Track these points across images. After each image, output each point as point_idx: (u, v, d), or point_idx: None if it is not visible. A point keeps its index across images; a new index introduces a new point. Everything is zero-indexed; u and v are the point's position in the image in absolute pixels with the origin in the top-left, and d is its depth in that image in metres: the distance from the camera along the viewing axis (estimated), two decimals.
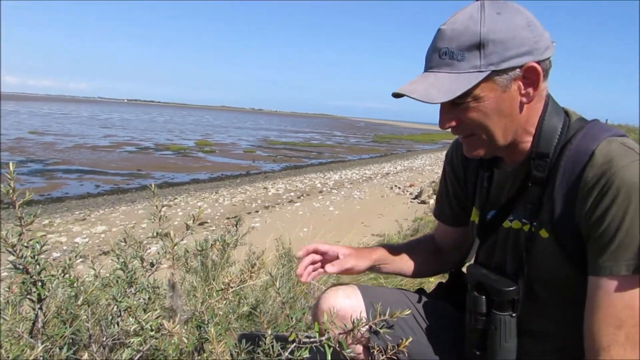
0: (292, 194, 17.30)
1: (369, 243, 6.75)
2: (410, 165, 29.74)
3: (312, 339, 1.08)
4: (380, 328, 1.16)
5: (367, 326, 1.14)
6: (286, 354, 1.03)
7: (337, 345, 1.09)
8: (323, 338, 1.09)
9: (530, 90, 1.12)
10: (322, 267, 1.40)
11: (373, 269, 1.46)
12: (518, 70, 1.10)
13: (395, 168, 27.51)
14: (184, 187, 18.19)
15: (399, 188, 18.93)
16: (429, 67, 1.15)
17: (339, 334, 1.11)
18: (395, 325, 1.38)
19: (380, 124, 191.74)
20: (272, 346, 0.99)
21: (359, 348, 1.40)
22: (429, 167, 28.22)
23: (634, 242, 0.99)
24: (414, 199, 16.22)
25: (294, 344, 1.05)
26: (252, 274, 1.28)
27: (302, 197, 16.68)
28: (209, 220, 12.44)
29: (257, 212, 14.04)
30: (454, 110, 1.15)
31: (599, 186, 1.03)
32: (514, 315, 1.22)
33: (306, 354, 1.06)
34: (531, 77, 1.11)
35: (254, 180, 20.80)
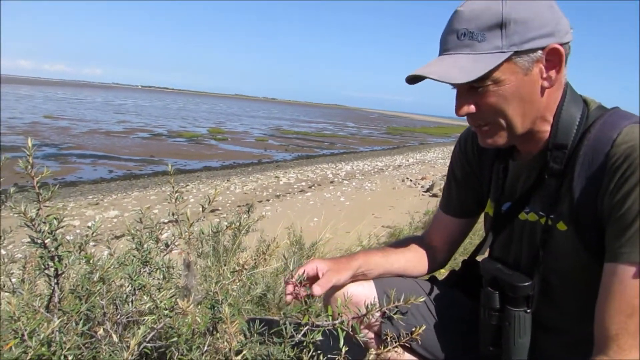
0: (304, 183, 17.31)
1: (379, 234, 6.74)
2: (422, 158, 29.59)
3: (325, 322, 1.08)
4: (394, 314, 1.15)
5: (380, 312, 1.13)
6: (299, 336, 1.03)
7: (350, 330, 1.09)
8: (337, 322, 1.08)
9: (552, 73, 1.09)
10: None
11: (357, 276, 1.38)
12: (540, 52, 1.06)
13: (407, 160, 27.39)
14: (196, 174, 18.29)
15: (411, 181, 18.86)
16: (445, 49, 1.11)
17: (353, 318, 1.11)
18: (407, 312, 1.37)
19: (394, 115, 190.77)
20: (285, 328, 0.99)
21: (370, 335, 1.39)
22: (442, 160, 28.05)
23: None
24: (425, 192, 16.16)
25: (307, 327, 1.05)
26: (266, 257, 1.28)
27: (313, 187, 16.68)
28: (220, 208, 12.50)
29: (268, 200, 14.08)
30: (472, 95, 1.11)
31: (622, 169, 1.00)
32: (528, 311, 1.20)
33: (319, 337, 1.05)
34: (553, 59, 1.08)
35: (266, 169, 20.85)
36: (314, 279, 1.30)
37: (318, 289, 1.23)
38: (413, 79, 1.12)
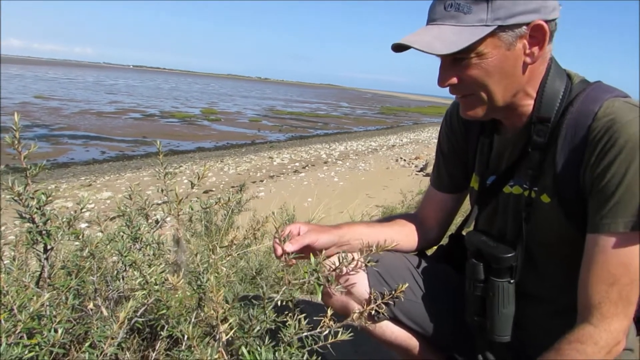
0: (297, 164, 17.31)
1: (371, 213, 6.78)
2: (416, 137, 29.63)
3: (301, 280, 1.09)
4: (368, 262, 1.15)
5: (357, 262, 1.13)
6: (278, 296, 1.05)
7: (327, 283, 1.10)
8: (312, 277, 1.10)
9: (535, 49, 1.10)
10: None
11: (342, 245, 1.37)
12: (525, 27, 1.07)
13: (401, 140, 27.42)
14: (189, 155, 18.24)
15: (405, 160, 18.90)
16: (432, 19, 1.12)
17: (328, 272, 1.12)
18: (394, 285, 1.39)
19: (388, 95, 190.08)
20: (263, 290, 1.01)
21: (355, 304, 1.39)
22: (436, 140, 27.86)
23: (633, 199, 0.99)
24: (419, 171, 16.21)
25: (285, 287, 1.06)
26: (257, 236, 1.29)
27: (307, 168, 16.70)
28: (213, 189, 12.50)
29: (262, 181, 14.09)
30: (455, 67, 1.12)
31: (603, 142, 1.03)
32: (512, 281, 1.22)
33: (297, 295, 1.06)
34: (537, 35, 1.09)
35: (259, 149, 20.81)
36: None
37: (290, 246, 1.24)
38: (399, 47, 1.13)
